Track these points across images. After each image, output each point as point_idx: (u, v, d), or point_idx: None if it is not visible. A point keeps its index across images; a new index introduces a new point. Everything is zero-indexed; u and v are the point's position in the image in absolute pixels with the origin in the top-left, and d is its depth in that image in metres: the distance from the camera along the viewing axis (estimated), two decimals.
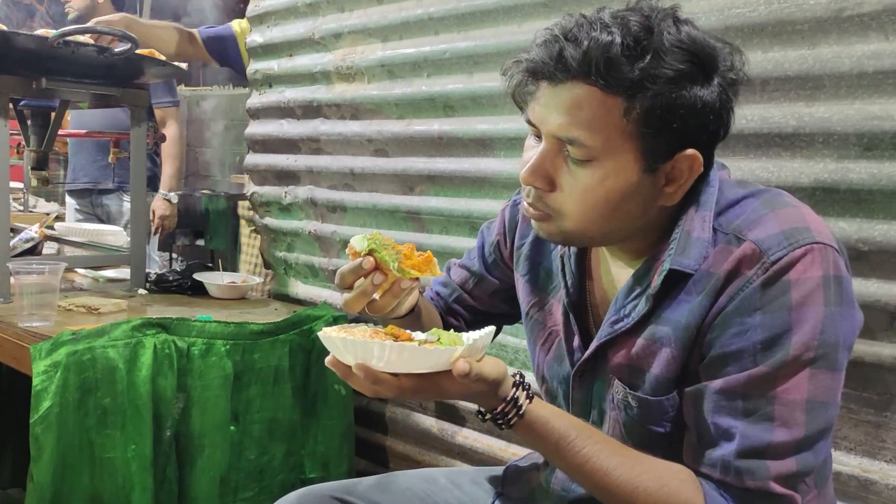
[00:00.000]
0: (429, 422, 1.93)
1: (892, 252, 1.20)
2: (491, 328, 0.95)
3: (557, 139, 0.95)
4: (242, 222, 2.98)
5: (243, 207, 2.94)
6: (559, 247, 1.14)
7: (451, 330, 0.97)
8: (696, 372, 0.97)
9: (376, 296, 1.02)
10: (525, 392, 0.95)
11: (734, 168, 1.33)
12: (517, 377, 0.96)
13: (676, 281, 0.98)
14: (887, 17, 1.19)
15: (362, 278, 1.00)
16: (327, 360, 0.94)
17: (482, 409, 0.97)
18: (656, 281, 0.98)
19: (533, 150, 0.99)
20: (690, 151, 0.94)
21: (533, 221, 1.03)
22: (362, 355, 0.89)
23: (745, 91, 1.32)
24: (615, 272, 1.08)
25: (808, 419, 0.89)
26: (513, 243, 1.23)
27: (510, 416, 0.94)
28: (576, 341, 1.10)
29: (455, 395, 0.93)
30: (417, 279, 1.01)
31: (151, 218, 3.38)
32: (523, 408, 0.94)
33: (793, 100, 1.29)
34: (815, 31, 1.26)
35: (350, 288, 1.01)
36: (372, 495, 1.23)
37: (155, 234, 3.46)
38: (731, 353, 0.92)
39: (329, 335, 0.91)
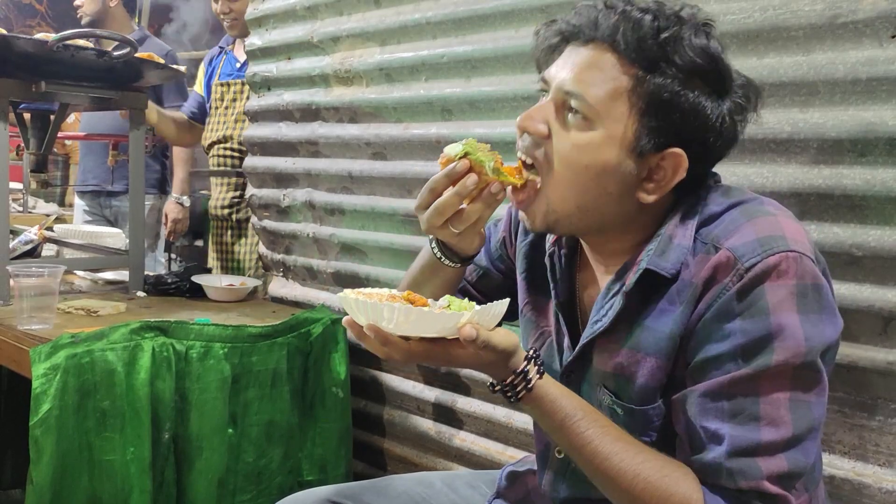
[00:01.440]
0: (426, 424, 1.94)
1: (886, 257, 1.21)
2: (506, 299, 0.96)
3: (563, 93, 0.99)
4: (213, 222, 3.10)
5: (213, 207, 3.02)
6: (548, 248, 1.15)
7: (466, 299, 0.98)
8: (682, 379, 0.98)
9: (464, 205, 1.04)
10: (536, 367, 0.96)
11: (729, 174, 1.34)
12: (531, 352, 0.97)
13: (655, 285, 0.99)
14: (881, 24, 1.19)
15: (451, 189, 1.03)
16: (344, 319, 0.96)
17: (492, 381, 0.98)
18: (631, 279, 1.00)
19: None
20: (679, 151, 0.96)
21: (520, 213, 1.05)
22: (373, 316, 0.91)
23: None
24: (599, 277, 1.10)
25: (794, 417, 0.90)
26: (515, 239, 1.24)
27: (518, 388, 0.95)
28: (565, 342, 1.11)
29: (465, 362, 0.94)
30: (504, 189, 1.02)
31: (164, 221, 3.40)
32: (532, 381, 0.95)
33: (787, 105, 1.30)
34: (809, 38, 1.27)
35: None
36: (368, 499, 1.24)
37: (168, 237, 3.47)
38: (714, 358, 0.93)
39: (346, 296, 0.93)
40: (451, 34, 1.81)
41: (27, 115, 2.29)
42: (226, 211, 2.99)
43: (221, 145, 2.96)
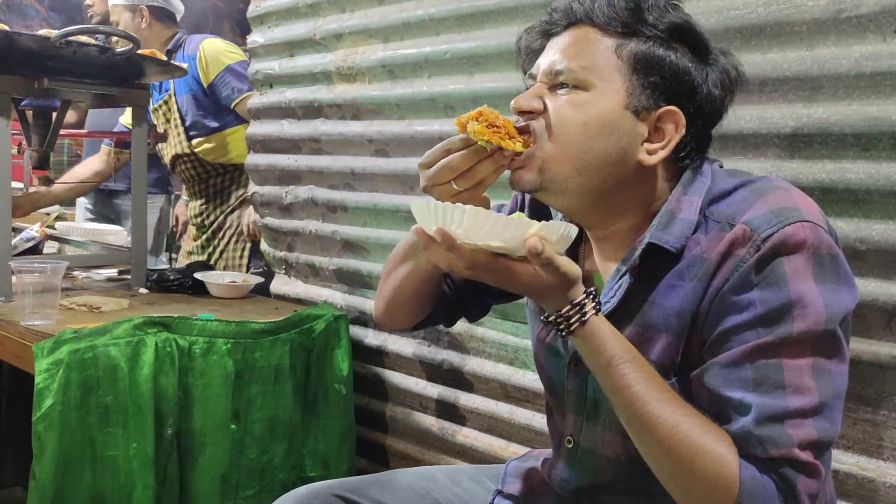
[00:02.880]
0: (429, 421, 1.94)
1: (890, 252, 1.21)
2: (574, 226, 0.95)
3: (552, 74, 1.02)
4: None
5: (191, 217, 3.06)
6: None
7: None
8: (697, 357, 0.98)
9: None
10: (593, 303, 0.95)
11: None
12: (591, 289, 0.96)
13: (662, 262, 0.99)
14: (885, 19, 1.20)
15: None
16: (413, 227, 0.96)
17: (546, 314, 0.97)
18: (636, 255, 1.00)
19: None
20: (674, 108, 1.00)
21: (513, 176, 1.05)
22: (443, 220, 0.91)
23: (743, 91, 1.33)
24: (606, 263, 1.10)
25: (819, 385, 0.90)
26: None
27: (573, 319, 0.94)
28: None
29: (525, 282, 0.93)
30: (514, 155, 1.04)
31: (175, 223, 3.41)
32: (587, 315, 0.94)
33: (791, 101, 1.30)
34: (813, 33, 1.27)
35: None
36: (372, 493, 1.24)
37: (178, 238, 3.48)
38: (733, 329, 0.93)
39: (420, 201, 0.94)
40: (454, 30, 1.81)
41: (29, 113, 2.29)
42: (197, 220, 3.03)
43: (182, 160, 2.98)
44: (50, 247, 2.64)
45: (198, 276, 2.24)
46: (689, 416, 0.92)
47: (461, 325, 1.82)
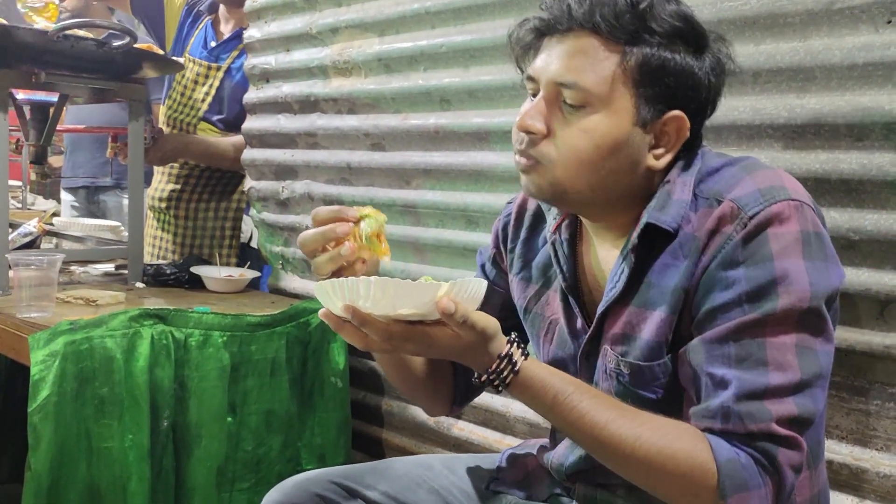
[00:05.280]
0: (424, 414, 1.93)
1: (883, 241, 1.21)
2: (483, 281, 0.94)
3: (555, 85, 1.00)
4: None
5: (150, 197, 2.77)
6: (549, 237, 1.15)
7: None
8: (687, 333, 0.98)
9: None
10: (520, 350, 0.96)
11: None
12: (512, 335, 0.97)
13: (658, 241, 1.00)
14: (877, 10, 1.20)
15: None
16: (320, 312, 0.95)
17: (478, 372, 0.97)
18: (634, 235, 1.01)
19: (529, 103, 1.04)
20: (679, 113, 0.99)
21: (522, 177, 1.05)
22: (350, 296, 0.89)
23: (737, 83, 1.34)
24: (602, 255, 1.10)
25: (801, 363, 0.90)
26: (506, 248, 1.25)
27: (505, 373, 0.95)
28: (579, 322, 1.11)
29: (445, 345, 0.92)
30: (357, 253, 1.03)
31: None
32: (518, 364, 0.95)
33: (784, 91, 1.31)
34: (806, 24, 1.28)
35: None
36: (370, 480, 1.24)
37: None
38: (719, 307, 0.94)
39: (321, 283, 0.92)
40: (449, 24, 1.82)
41: (26, 107, 2.29)
42: (163, 204, 2.70)
43: (173, 131, 2.69)
44: (47, 242, 2.64)
45: (194, 270, 2.24)
46: (645, 424, 0.93)
47: None
